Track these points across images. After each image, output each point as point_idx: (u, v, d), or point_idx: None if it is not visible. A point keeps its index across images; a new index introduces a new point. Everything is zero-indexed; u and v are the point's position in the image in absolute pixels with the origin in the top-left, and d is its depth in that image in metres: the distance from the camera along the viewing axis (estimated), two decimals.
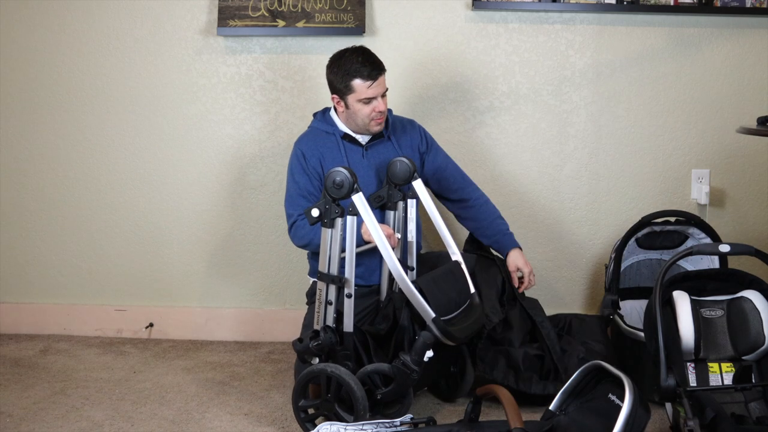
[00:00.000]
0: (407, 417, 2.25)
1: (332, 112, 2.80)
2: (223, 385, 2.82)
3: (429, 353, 2.30)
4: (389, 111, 2.82)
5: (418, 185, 2.61)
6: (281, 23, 3.16)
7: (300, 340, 2.38)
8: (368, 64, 2.64)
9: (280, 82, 3.23)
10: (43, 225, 3.36)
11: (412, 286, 2.32)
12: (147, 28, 3.24)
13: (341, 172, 2.29)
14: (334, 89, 2.71)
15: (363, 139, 2.77)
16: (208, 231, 3.33)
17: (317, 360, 2.38)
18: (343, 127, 2.76)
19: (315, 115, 2.87)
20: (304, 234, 2.66)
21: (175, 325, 3.35)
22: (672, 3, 3.08)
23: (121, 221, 3.34)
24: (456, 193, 2.89)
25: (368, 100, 2.65)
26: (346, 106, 2.69)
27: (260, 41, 3.22)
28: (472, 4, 3.13)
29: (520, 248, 2.85)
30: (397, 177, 2.64)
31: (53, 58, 3.27)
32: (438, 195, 2.93)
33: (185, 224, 3.33)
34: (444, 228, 2.57)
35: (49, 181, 3.34)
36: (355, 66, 2.63)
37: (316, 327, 2.40)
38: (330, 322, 2.39)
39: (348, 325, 2.39)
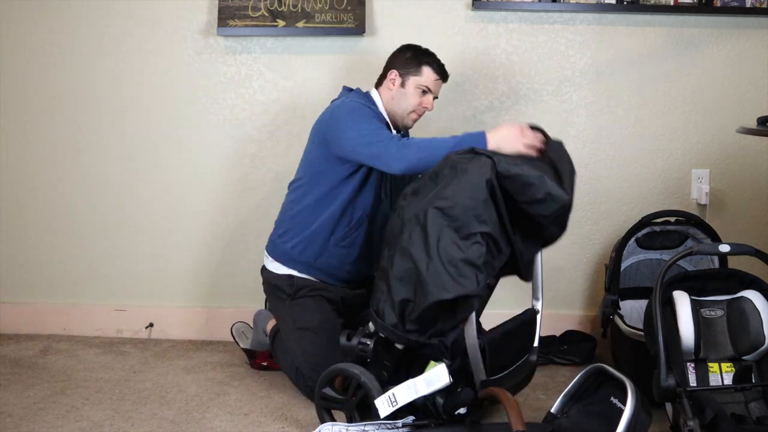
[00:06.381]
0: (409, 418, 2.25)
1: (373, 94, 2.74)
2: (223, 385, 2.82)
3: (463, 410, 2.19)
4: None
5: None
6: (281, 23, 3.15)
7: (349, 337, 2.31)
8: (442, 67, 2.73)
9: (280, 82, 3.23)
10: (43, 225, 3.36)
11: (476, 344, 2.19)
12: (147, 28, 3.23)
13: None
14: (398, 65, 2.70)
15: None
16: (208, 231, 3.32)
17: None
18: (386, 115, 2.71)
19: (350, 90, 2.75)
20: (426, 144, 2.43)
21: (175, 325, 3.35)
22: (672, 3, 3.08)
23: (121, 221, 3.34)
24: None
25: (426, 91, 2.69)
26: (402, 85, 2.69)
27: (260, 41, 3.22)
28: (472, 4, 3.13)
29: None
30: None
31: (53, 58, 3.27)
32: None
33: (185, 224, 3.32)
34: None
35: (49, 181, 3.34)
36: (432, 59, 2.71)
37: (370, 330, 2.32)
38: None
39: None
